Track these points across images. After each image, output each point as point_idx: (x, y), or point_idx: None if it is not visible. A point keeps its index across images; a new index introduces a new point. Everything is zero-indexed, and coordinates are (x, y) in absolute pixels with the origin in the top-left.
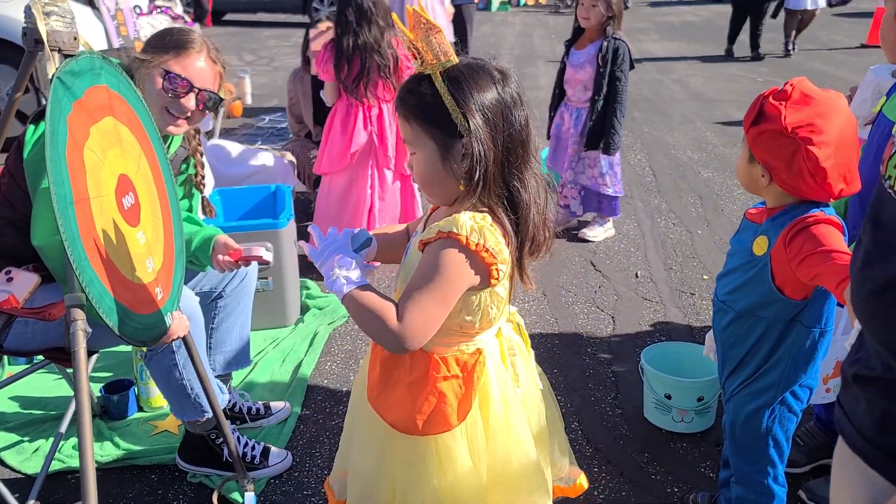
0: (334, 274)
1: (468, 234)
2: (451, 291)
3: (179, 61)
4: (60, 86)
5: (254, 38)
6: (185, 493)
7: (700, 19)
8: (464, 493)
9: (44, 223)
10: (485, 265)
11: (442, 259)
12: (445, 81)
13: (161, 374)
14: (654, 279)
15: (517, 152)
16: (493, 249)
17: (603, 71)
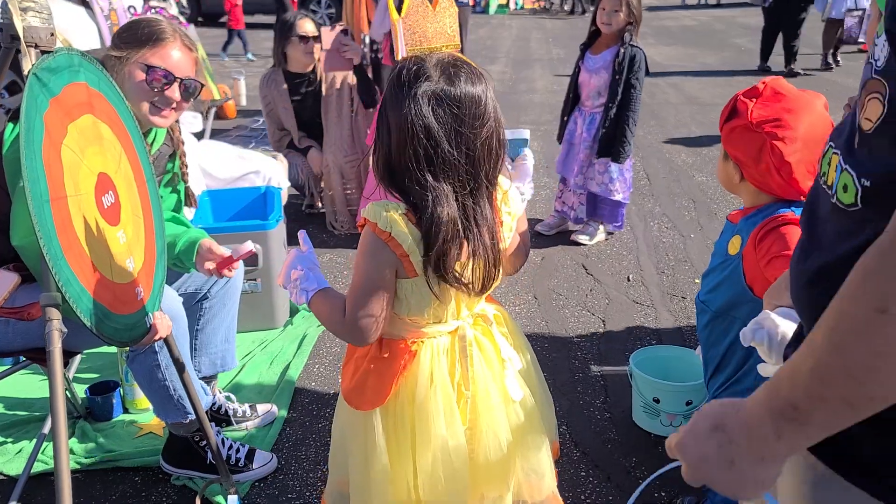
0: (292, 288)
1: (377, 220)
2: (377, 278)
3: (156, 53)
4: (36, 82)
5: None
6: (168, 496)
7: (698, 24)
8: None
9: (22, 223)
10: (396, 254)
11: (361, 247)
12: (389, 79)
13: (143, 375)
14: (645, 283)
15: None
16: (400, 239)
17: (619, 78)
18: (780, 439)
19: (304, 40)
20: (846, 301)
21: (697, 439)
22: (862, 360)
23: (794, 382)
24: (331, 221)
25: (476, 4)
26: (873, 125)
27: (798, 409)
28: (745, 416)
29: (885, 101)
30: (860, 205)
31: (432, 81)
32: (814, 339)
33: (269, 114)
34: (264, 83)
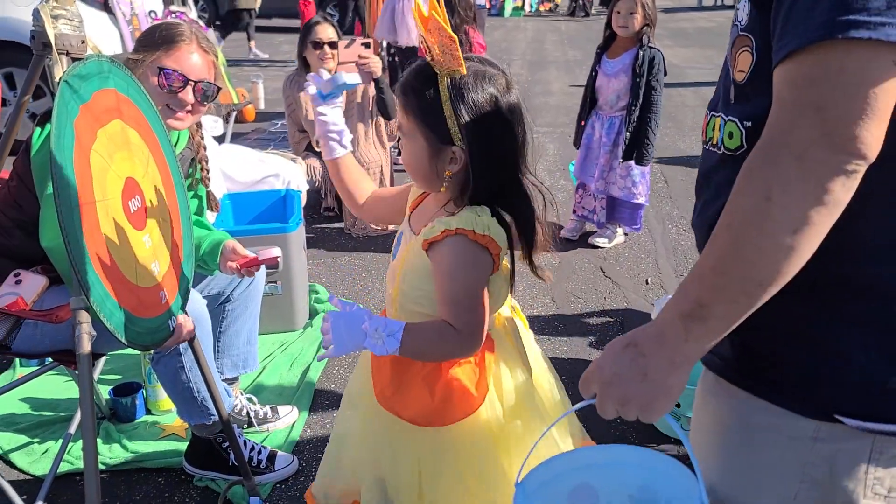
0: (375, 340)
1: (474, 227)
2: (480, 285)
3: (171, 55)
4: (67, 89)
5: (268, 44)
6: (191, 497)
7: (715, 25)
8: (490, 476)
9: (52, 225)
10: (491, 254)
11: (459, 256)
12: (450, 89)
13: (168, 377)
14: (664, 286)
15: (510, 162)
16: (498, 239)
17: (639, 81)
18: (687, 340)
19: (318, 46)
20: (738, 196)
21: (611, 358)
22: (754, 244)
23: (699, 282)
24: (348, 226)
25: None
26: (746, 75)
27: (703, 306)
28: (656, 326)
29: (753, 51)
30: (745, 145)
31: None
32: (714, 237)
33: (291, 115)
34: (287, 84)
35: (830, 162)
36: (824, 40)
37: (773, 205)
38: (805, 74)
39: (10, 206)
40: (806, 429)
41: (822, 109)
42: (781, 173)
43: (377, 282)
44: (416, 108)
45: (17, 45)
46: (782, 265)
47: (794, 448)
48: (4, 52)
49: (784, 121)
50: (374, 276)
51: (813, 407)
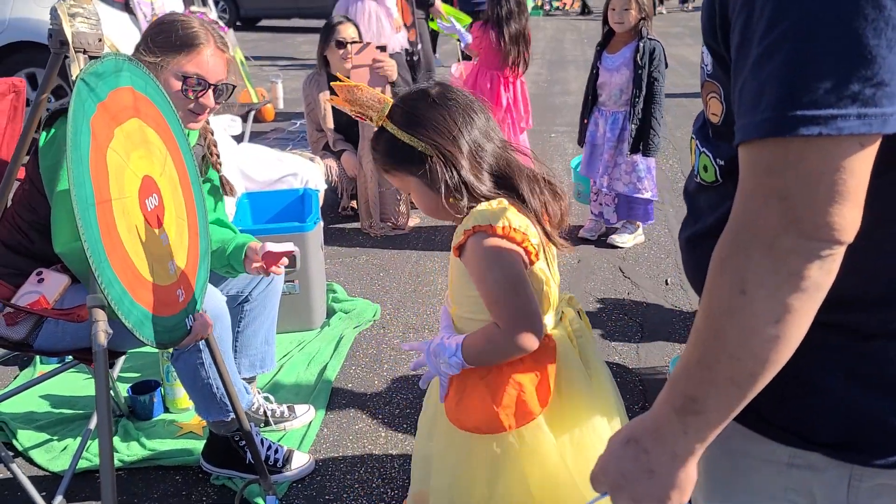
0: (444, 365)
1: (490, 220)
2: (514, 274)
3: (192, 59)
4: (84, 87)
5: (287, 44)
6: (208, 495)
7: None
8: (553, 482)
9: (63, 229)
10: (519, 245)
11: (484, 253)
12: (393, 122)
13: (187, 374)
14: (684, 287)
15: (484, 144)
16: (520, 227)
17: (641, 72)
18: (686, 434)
19: (342, 46)
20: (712, 288)
21: (614, 457)
22: (736, 339)
23: (687, 376)
24: (365, 225)
25: None
26: (719, 119)
27: (696, 400)
28: (653, 421)
29: (722, 100)
30: (720, 180)
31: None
32: (696, 329)
33: (310, 115)
34: (307, 84)
35: (802, 249)
36: (775, 137)
37: (750, 298)
38: (764, 163)
39: (24, 208)
40: (780, 454)
41: (786, 198)
42: (753, 264)
43: (394, 281)
44: (387, 157)
45: (40, 46)
46: (771, 354)
47: (770, 473)
48: (27, 52)
49: (749, 210)
50: (392, 275)
51: (787, 433)
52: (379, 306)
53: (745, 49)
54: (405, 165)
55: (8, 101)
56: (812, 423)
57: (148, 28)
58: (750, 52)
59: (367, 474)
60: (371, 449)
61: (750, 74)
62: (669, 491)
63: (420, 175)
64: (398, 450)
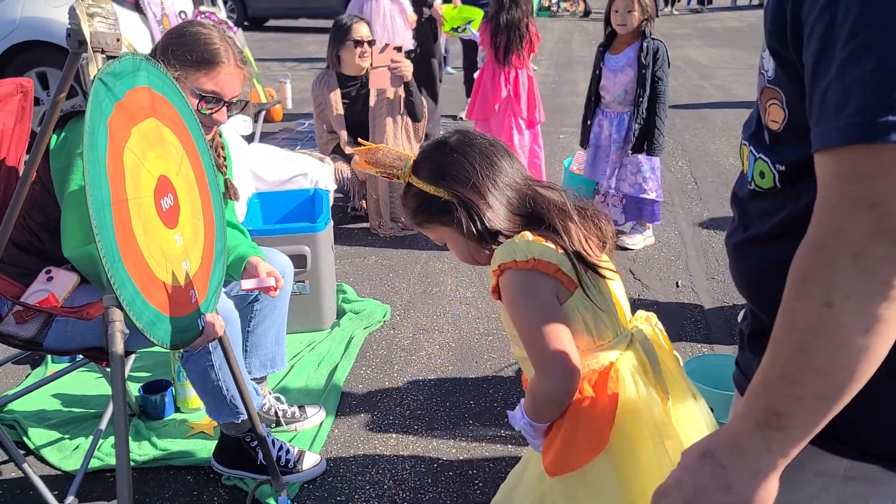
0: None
1: (514, 256)
2: (545, 312)
3: (211, 77)
4: (102, 87)
5: (295, 44)
6: (219, 496)
7: (744, 25)
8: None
9: (72, 234)
10: (550, 274)
11: (513, 292)
12: (418, 177)
13: (197, 375)
14: (695, 289)
15: (507, 186)
16: (546, 256)
17: (645, 72)
18: (769, 450)
19: (359, 44)
20: (795, 301)
21: (689, 472)
22: (823, 353)
23: (769, 390)
24: (374, 226)
25: None
26: (780, 125)
27: (779, 415)
28: (731, 436)
29: (784, 107)
30: (779, 186)
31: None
32: (776, 342)
33: (320, 115)
34: (317, 84)
35: (893, 256)
36: (864, 143)
37: (837, 310)
38: (850, 170)
39: (34, 209)
40: (837, 467)
41: (875, 206)
42: (839, 276)
43: (404, 281)
44: (418, 212)
45: (50, 45)
46: (860, 367)
47: (826, 486)
48: (38, 51)
49: (834, 219)
50: (402, 275)
51: (844, 445)
52: (389, 307)
53: (827, 53)
54: (436, 217)
55: (16, 102)
56: (870, 434)
57: (167, 36)
58: (833, 57)
59: (378, 475)
60: (382, 450)
61: (834, 79)
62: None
63: (450, 223)
64: (409, 451)
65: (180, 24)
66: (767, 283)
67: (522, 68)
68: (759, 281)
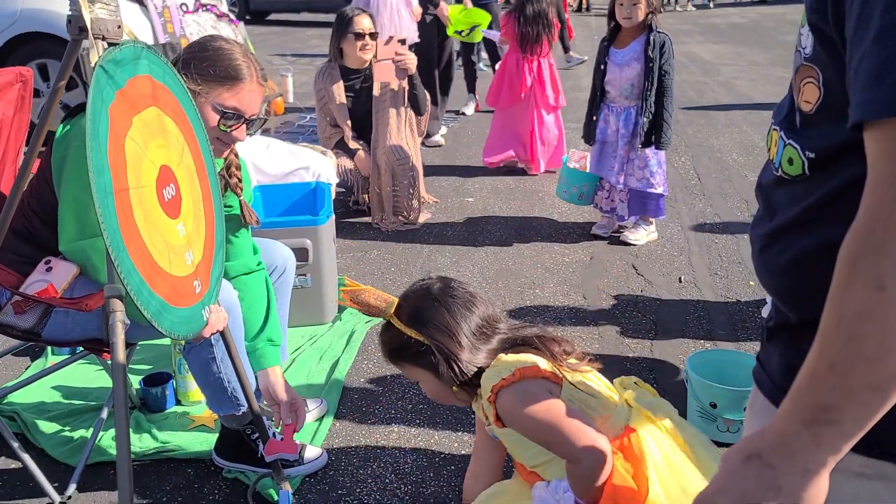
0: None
1: (501, 375)
2: (552, 407)
3: (233, 94)
4: (103, 74)
5: (296, 38)
6: (220, 489)
7: (747, 21)
8: None
9: (67, 228)
10: (537, 376)
11: (517, 404)
12: (400, 319)
13: (199, 368)
14: (698, 284)
15: (485, 333)
16: (528, 363)
17: (652, 66)
18: (820, 446)
19: (360, 37)
20: (844, 289)
21: (734, 476)
22: (875, 341)
23: (817, 384)
24: (376, 220)
25: None
26: (813, 106)
27: (830, 410)
28: (777, 435)
29: (820, 85)
30: (807, 173)
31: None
32: (824, 334)
33: (322, 108)
34: (320, 77)
35: None
36: None
37: (889, 295)
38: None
39: (34, 198)
40: (851, 463)
41: None
42: (891, 259)
43: (406, 276)
44: (396, 352)
45: (51, 37)
46: None
47: (838, 482)
48: (38, 43)
49: (886, 200)
50: (403, 269)
51: (859, 441)
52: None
53: (864, 22)
54: (413, 358)
55: (15, 91)
56: (887, 430)
57: (189, 49)
58: (869, 26)
59: (380, 469)
60: (384, 444)
61: (870, 48)
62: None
63: (427, 367)
64: (411, 445)
65: (203, 38)
66: (791, 274)
67: (545, 57)
68: (782, 272)
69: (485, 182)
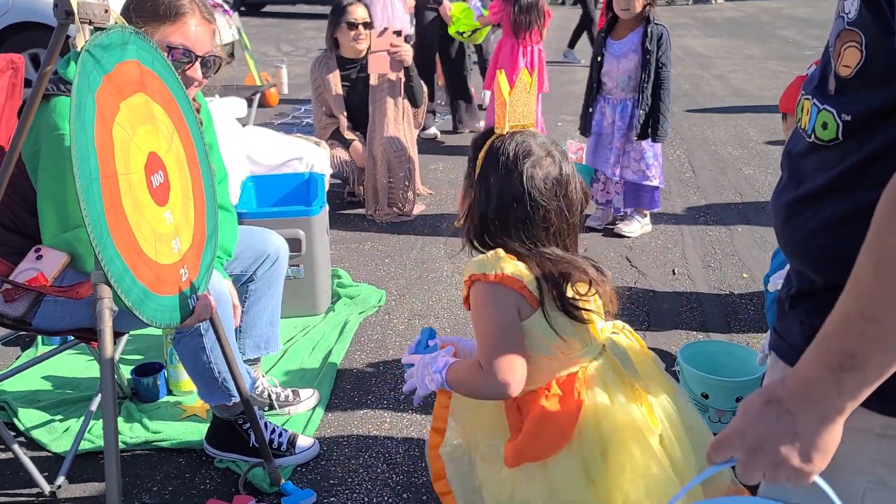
0: (428, 379)
1: (484, 270)
2: (504, 320)
3: (177, 29)
4: (90, 59)
5: (292, 30)
6: (211, 478)
7: (743, 15)
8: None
9: (49, 223)
10: (515, 290)
11: (479, 301)
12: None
13: (189, 357)
14: (691, 276)
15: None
16: (514, 274)
17: (649, 57)
18: (840, 393)
19: (353, 27)
20: (883, 235)
21: (753, 419)
22: None
23: (846, 331)
24: (370, 211)
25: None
26: (853, 70)
27: (855, 356)
28: (798, 381)
29: (863, 48)
30: (841, 138)
31: (540, 160)
32: (858, 281)
33: (318, 98)
34: (316, 66)
35: None
36: None
37: None
38: None
39: (14, 190)
40: (873, 423)
41: None
42: None
43: (400, 267)
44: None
45: (43, 27)
46: None
47: (859, 443)
48: (30, 32)
49: None
50: (397, 261)
51: (884, 401)
52: (384, 292)
53: None
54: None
55: (6, 78)
56: None
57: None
58: None
59: (371, 459)
60: (376, 434)
61: None
62: (812, 453)
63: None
64: (403, 435)
65: None
66: (822, 238)
67: (537, 43)
68: (812, 237)
69: None
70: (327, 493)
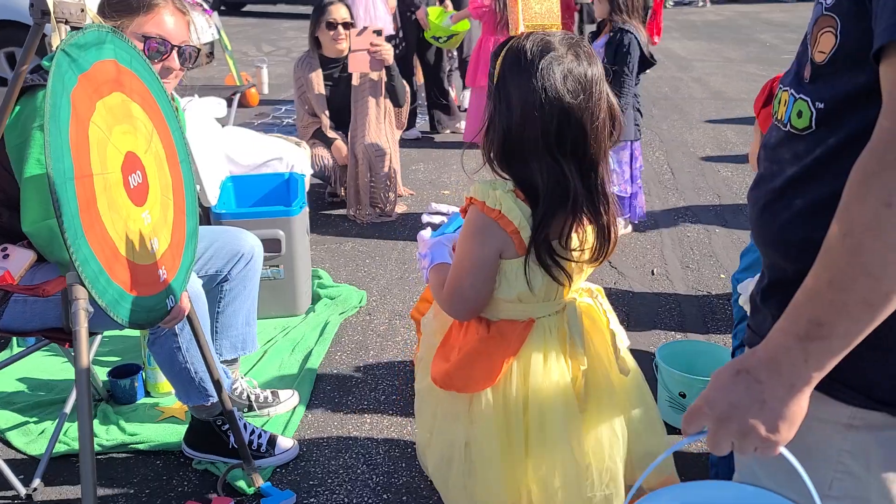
0: (422, 264)
1: (486, 199)
2: (480, 256)
3: (151, 20)
4: (65, 58)
5: (273, 30)
6: (190, 480)
7: (722, 18)
8: (481, 459)
9: (31, 208)
10: (505, 232)
11: (469, 225)
12: (507, 48)
13: (164, 358)
14: (670, 277)
15: (532, 136)
16: (511, 215)
17: (608, 66)
18: (807, 362)
19: (332, 27)
20: (853, 204)
21: (722, 388)
22: (877, 255)
23: (815, 299)
24: (351, 213)
25: None
26: (826, 56)
27: (822, 325)
28: (768, 351)
29: (838, 34)
30: (814, 126)
31: (561, 57)
32: (828, 250)
33: (301, 97)
34: (299, 65)
35: None
36: None
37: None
38: None
39: None
40: (841, 415)
41: None
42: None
43: (381, 268)
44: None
45: (20, 25)
46: None
47: (827, 433)
48: (8, 31)
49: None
50: (378, 261)
51: (851, 391)
52: (365, 293)
53: None
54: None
55: None
56: (879, 381)
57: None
58: None
59: (351, 460)
60: (356, 435)
61: None
62: (778, 422)
63: (491, 98)
64: (383, 436)
65: None
66: (793, 228)
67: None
68: (787, 224)
69: (460, 174)
70: (307, 493)
